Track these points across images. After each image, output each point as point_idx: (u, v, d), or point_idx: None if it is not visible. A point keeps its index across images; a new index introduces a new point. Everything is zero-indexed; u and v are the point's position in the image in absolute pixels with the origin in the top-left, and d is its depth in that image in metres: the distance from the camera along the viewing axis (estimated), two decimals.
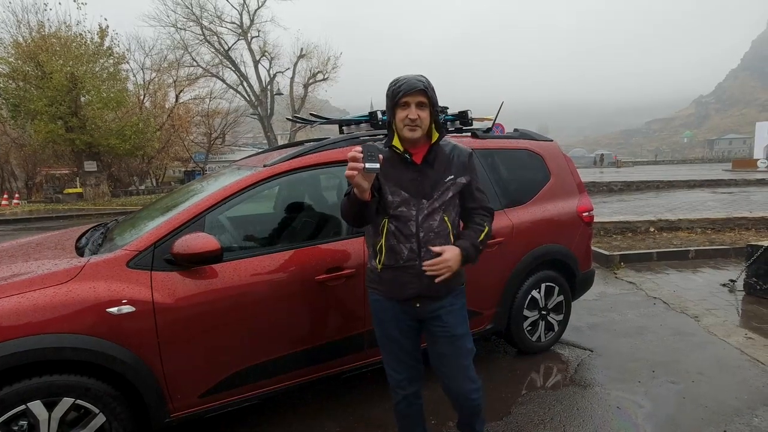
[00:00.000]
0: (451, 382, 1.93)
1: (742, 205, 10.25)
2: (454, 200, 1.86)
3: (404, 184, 1.80)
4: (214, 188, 2.43)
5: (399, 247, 1.80)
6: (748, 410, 2.59)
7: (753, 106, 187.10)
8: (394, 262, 1.82)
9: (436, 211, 1.81)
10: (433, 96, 1.75)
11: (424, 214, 1.80)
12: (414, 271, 1.80)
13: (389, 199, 1.80)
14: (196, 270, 2.14)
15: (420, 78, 1.74)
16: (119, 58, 18.40)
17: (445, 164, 1.83)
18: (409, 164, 1.80)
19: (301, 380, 2.46)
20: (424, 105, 1.73)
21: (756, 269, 4.47)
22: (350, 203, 1.74)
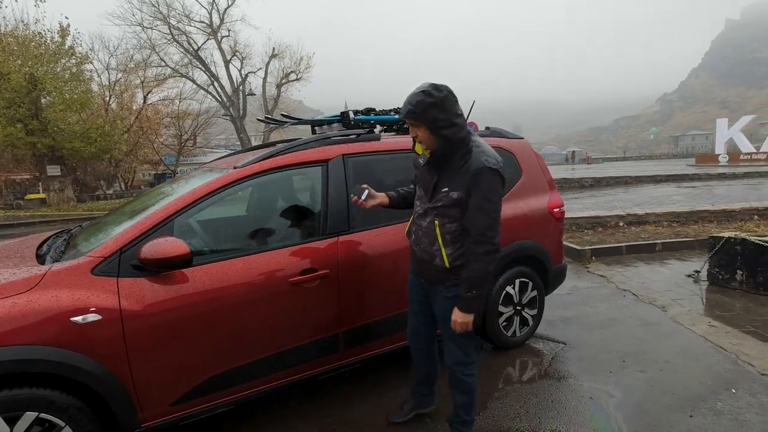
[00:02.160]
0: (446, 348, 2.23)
1: (705, 198, 10.68)
2: (450, 210, 1.99)
3: (421, 182, 2.14)
4: (183, 191, 2.37)
5: (409, 229, 2.25)
6: (712, 395, 2.69)
7: (713, 103, 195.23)
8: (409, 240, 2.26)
9: (429, 212, 2.05)
10: (420, 116, 1.87)
11: (420, 213, 2.12)
12: (415, 254, 2.21)
13: (416, 192, 2.23)
14: (165, 275, 2.08)
15: (410, 101, 1.89)
16: (82, 58, 17.76)
17: (450, 174, 1.97)
18: (423, 165, 2.12)
19: (278, 383, 2.43)
20: (415, 125, 1.94)
21: (718, 260, 4.66)
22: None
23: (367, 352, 2.71)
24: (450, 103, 1.88)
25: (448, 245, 2.03)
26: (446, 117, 1.87)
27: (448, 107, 1.87)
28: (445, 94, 1.87)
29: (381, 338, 2.75)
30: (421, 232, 2.06)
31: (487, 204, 1.90)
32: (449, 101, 1.88)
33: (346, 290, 2.53)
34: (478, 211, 1.90)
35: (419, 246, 2.13)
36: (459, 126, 1.91)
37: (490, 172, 1.89)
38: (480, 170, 1.89)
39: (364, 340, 2.68)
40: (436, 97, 1.85)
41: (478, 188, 1.89)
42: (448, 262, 2.03)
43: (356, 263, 2.57)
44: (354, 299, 2.59)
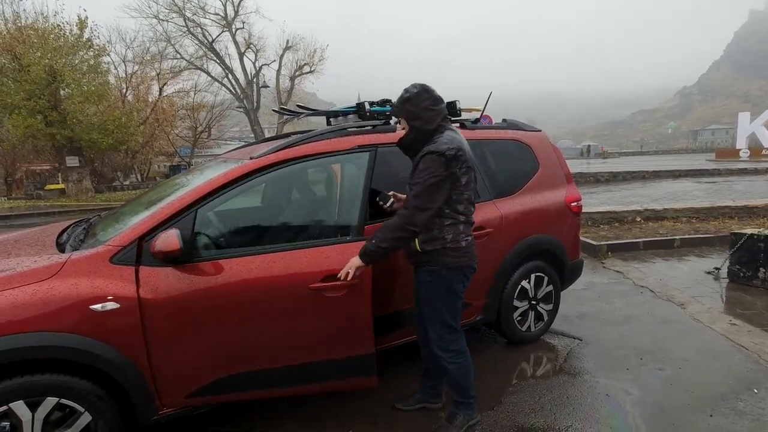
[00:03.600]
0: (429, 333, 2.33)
1: (725, 194, 10.43)
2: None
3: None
4: (200, 181, 2.37)
5: None
6: (733, 395, 2.64)
7: (735, 97, 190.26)
8: None
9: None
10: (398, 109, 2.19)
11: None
12: None
13: None
14: (186, 266, 2.07)
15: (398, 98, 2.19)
16: (99, 50, 17.97)
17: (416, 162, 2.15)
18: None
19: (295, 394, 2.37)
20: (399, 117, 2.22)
21: (740, 257, 4.55)
22: None
23: (388, 343, 2.69)
24: (420, 99, 2.12)
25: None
26: (415, 110, 2.12)
27: (418, 102, 2.12)
28: (417, 91, 2.14)
29: (400, 329, 2.73)
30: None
31: (417, 180, 2.08)
32: (420, 97, 2.13)
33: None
34: (418, 188, 2.07)
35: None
36: (425, 119, 2.12)
37: (431, 154, 2.06)
38: (424, 153, 2.08)
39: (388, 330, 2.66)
40: (411, 92, 2.14)
41: (417, 168, 2.10)
42: (419, 246, 2.18)
43: None
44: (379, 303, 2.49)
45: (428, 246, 2.16)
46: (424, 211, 2.07)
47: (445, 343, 2.28)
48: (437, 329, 2.28)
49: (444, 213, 2.15)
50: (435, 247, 2.16)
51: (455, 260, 2.19)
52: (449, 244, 2.16)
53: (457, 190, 2.14)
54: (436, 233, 2.16)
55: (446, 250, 2.16)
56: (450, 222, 2.16)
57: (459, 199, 2.16)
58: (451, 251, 2.17)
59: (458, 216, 2.18)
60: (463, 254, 2.20)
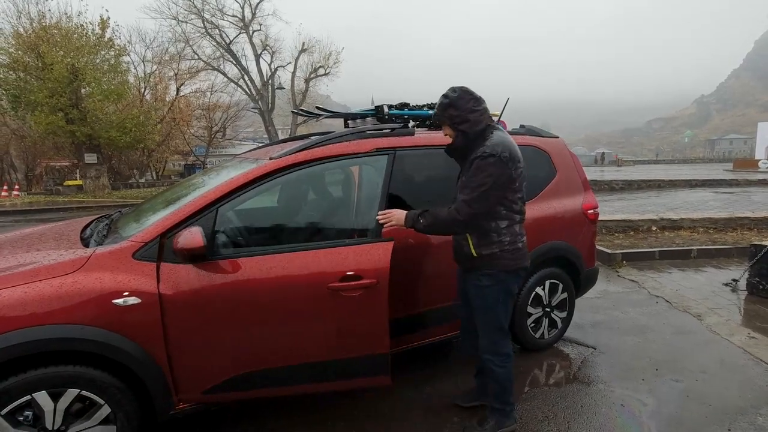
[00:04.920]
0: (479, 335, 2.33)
1: (743, 205, 10.24)
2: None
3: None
4: (220, 181, 2.41)
5: None
6: (752, 409, 2.59)
7: (754, 106, 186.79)
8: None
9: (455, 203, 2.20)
10: (441, 116, 2.16)
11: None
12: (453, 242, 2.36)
13: None
14: (206, 264, 2.10)
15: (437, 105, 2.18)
16: (120, 50, 18.28)
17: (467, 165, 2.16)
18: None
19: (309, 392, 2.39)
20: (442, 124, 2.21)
21: (759, 269, 4.46)
22: None
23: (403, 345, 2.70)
24: (463, 102, 2.10)
25: (474, 234, 2.17)
26: (460, 114, 2.09)
27: (461, 105, 2.10)
28: (458, 94, 2.12)
29: (415, 333, 2.74)
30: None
31: (471, 178, 2.08)
32: (462, 100, 2.11)
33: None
34: (473, 184, 2.07)
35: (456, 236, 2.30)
36: (473, 121, 2.10)
37: (485, 156, 2.05)
38: (477, 156, 2.08)
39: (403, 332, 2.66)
40: (451, 97, 2.11)
41: (470, 170, 2.10)
42: (475, 250, 2.17)
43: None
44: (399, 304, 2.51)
45: (485, 250, 2.16)
46: (476, 213, 2.07)
47: (497, 347, 2.27)
48: (491, 333, 2.26)
49: (501, 214, 2.15)
50: (492, 250, 2.15)
51: (513, 262, 2.19)
52: (507, 246, 2.16)
53: (512, 190, 2.15)
54: (494, 237, 2.15)
55: (504, 253, 2.16)
56: (506, 224, 2.16)
57: (514, 198, 2.18)
58: (509, 253, 2.17)
59: (514, 215, 2.19)
60: (520, 256, 2.22)
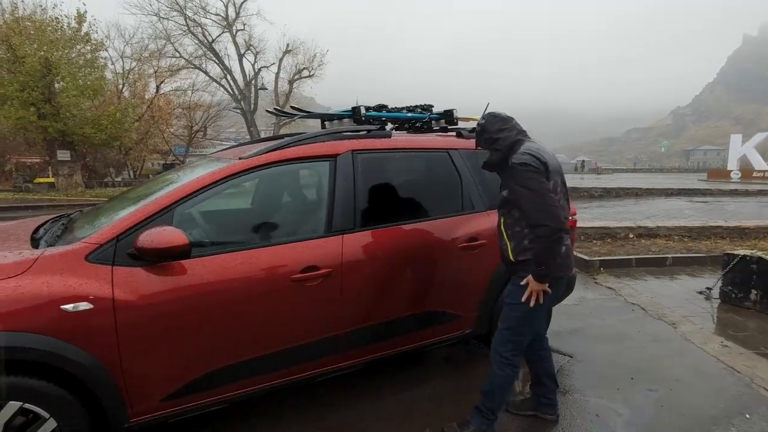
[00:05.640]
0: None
1: (717, 214, 10.49)
2: (505, 208, 2.31)
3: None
4: (185, 180, 2.30)
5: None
6: (725, 419, 2.58)
7: (727, 119, 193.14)
8: None
9: (498, 213, 2.40)
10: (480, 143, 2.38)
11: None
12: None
13: None
14: (163, 266, 2.01)
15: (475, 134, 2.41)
16: (97, 45, 17.81)
17: (504, 177, 2.33)
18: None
19: (274, 383, 2.34)
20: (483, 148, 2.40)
21: (732, 278, 4.52)
22: None
23: (369, 355, 2.62)
24: (491, 125, 2.31)
25: (511, 240, 2.30)
26: (489, 137, 2.31)
27: (490, 128, 2.31)
28: (485, 121, 2.35)
29: (385, 341, 2.66)
30: (498, 229, 2.41)
31: (525, 191, 2.13)
32: (490, 123, 2.32)
33: (348, 291, 2.44)
34: (522, 200, 2.15)
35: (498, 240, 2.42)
36: (502, 138, 2.28)
37: (517, 165, 2.16)
38: (511, 167, 2.20)
39: (366, 342, 2.59)
40: (481, 125, 2.36)
41: (514, 181, 2.18)
42: (512, 255, 2.29)
43: (360, 263, 2.48)
44: (356, 300, 2.49)
45: (521, 256, 2.25)
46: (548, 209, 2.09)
47: (505, 348, 2.32)
48: (505, 332, 2.34)
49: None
50: (527, 257, 2.21)
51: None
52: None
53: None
54: (527, 243, 2.21)
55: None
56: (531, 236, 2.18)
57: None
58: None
59: None
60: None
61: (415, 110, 3.35)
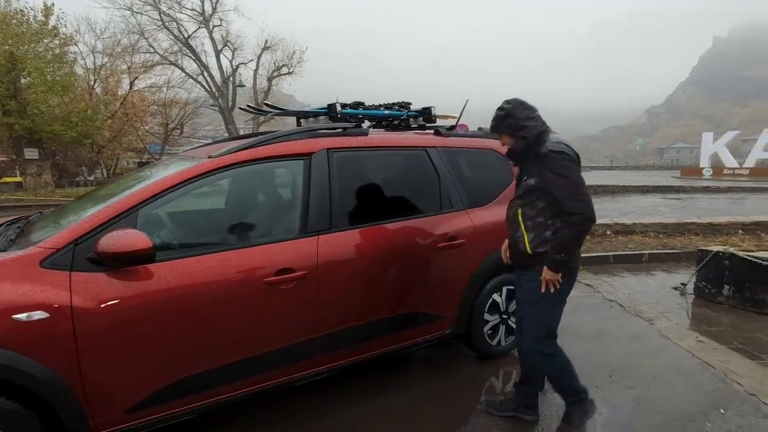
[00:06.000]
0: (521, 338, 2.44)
1: (690, 210, 10.74)
2: (529, 197, 2.25)
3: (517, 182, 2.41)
4: (151, 180, 2.19)
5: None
6: (701, 415, 2.60)
7: (699, 117, 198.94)
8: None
9: (513, 206, 2.35)
10: (499, 127, 2.27)
11: (510, 205, 2.40)
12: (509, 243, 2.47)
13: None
14: (126, 271, 1.90)
15: (492, 119, 2.29)
16: (66, 39, 17.15)
17: (529, 165, 2.26)
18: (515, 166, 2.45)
19: (247, 390, 2.26)
20: (500, 135, 2.32)
21: (705, 273, 4.61)
22: None
23: (346, 359, 2.55)
24: (519, 111, 2.22)
25: (530, 231, 2.25)
26: (516, 122, 2.21)
27: (518, 114, 2.22)
28: (513, 105, 2.24)
29: (361, 344, 2.59)
30: (509, 221, 2.37)
31: (562, 179, 2.12)
32: (518, 109, 2.23)
33: (324, 293, 2.37)
34: (557, 188, 2.13)
35: (510, 233, 2.39)
36: (530, 126, 2.21)
37: (553, 153, 2.14)
38: (545, 154, 2.15)
39: (344, 345, 2.52)
40: (507, 109, 2.24)
41: (549, 168, 2.14)
42: (530, 247, 2.24)
43: (336, 264, 2.41)
44: (332, 303, 2.42)
45: (540, 248, 2.21)
46: (582, 197, 2.11)
47: (543, 347, 2.33)
48: (537, 332, 2.32)
49: (557, 213, 2.17)
50: (546, 249, 2.19)
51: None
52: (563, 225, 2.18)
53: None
54: (549, 235, 2.20)
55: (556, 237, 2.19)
56: (561, 222, 2.18)
57: None
58: None
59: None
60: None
61: (392, 108, 3.29)
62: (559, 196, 2.12)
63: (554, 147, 2.15)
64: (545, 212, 2.21)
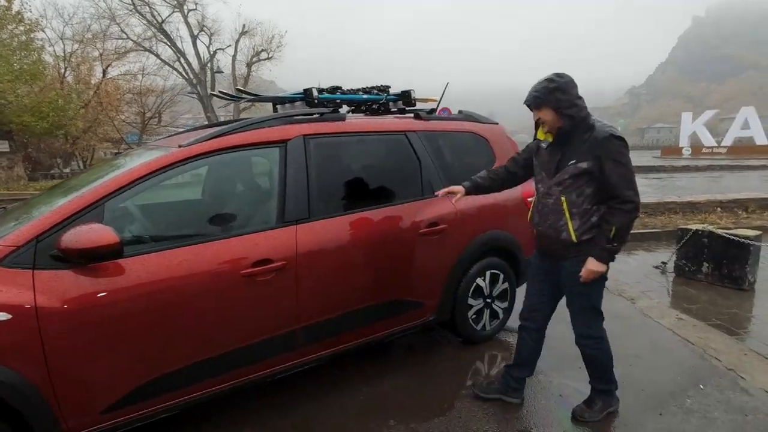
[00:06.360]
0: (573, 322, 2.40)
1: (670, 190, 10.93)
2: (577, 182, 2.13)
3: (542, 165, 2.30)
4: (118, 172, 2.09)
5: (532, 211, 2.41)
6: (682, 392, 2.64)
7: (679, 97, 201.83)
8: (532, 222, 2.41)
9: (554, 190, 2.19)
10: (545, 100, 2.09)
11: (544, 192, 2.27)
12: (540, 233, 2.34)
13: (535, 176, 2.37)
14: (93, 267, 1.81)
15: (536, 89, 2.13)
16: (31, 25, 16.41)
17: (575, 149, 2.13)
18: (544, 150, 2.27)
19: (228, 385, 2.21)
20: (541, 108, 2.13)
21: (685, 252, 4.67)
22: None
23: (327, 349, 2.51)
24: (570, 88, 2.09)
25: (575, 219, 2.16)
26: (568, 98, 2.08)
27: (569, 90, 2.09)
28: (566, 80, 2.10)
29: (342, 334, 2.56)
30: (547, 209, 2.25)
31: (620, 166, 2.07)
32: (570, 86, 2.10)
33: (304, 283, 2.32)
34: (614, 174, 2.06)
35: (546, 223, 2.27)
36: (580, 106, 2.10)
37: (615, 138, 2.07)
38: (607, 138, 2.06)
39: (326, 336, 2.48)
40: (559, 82, 2.09)
41: (609, 154, 2.06)
42: (575, 236, 2.16)
43: (315, 254, 2.35)
44: (313, 293, 2.37)
45: (586, 235, 2.16)
46: (635, 186, 2.11)
47: (593, 330, 2.32)
48: (587, 316, 2.30)
49: (602, 199, 2.13)
50: (593, 235, 2.15)
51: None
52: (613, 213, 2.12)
53: None
54: (595, 220, 2.15)
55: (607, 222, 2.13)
56: (607, 208, 2.13)
57: None
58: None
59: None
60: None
61: (371, 92, 3.20)
62: (615, 183, 2.06)
63: (614, 132, 2.09)
64: (592, 198, 2.14)
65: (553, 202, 2.21)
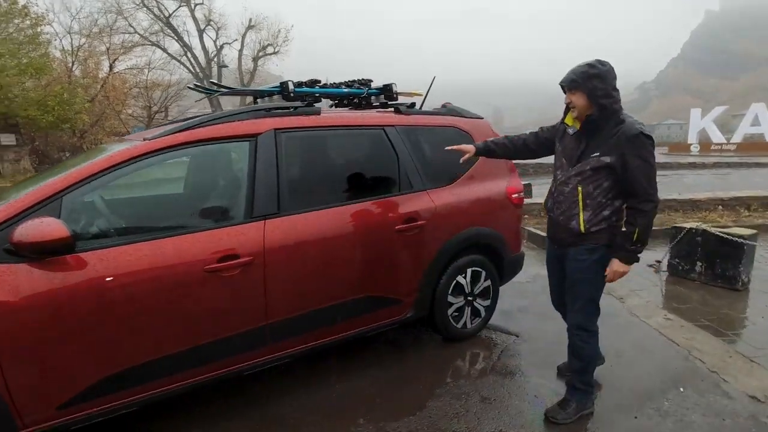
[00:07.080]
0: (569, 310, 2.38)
1: (674, 187, 10.73)
2: (596, 175, 2.12)
3: (564, 151, 2.26)
4: (79, 165, 2.06)
5: (547, 197, 2.40)
6: (661, 393, 2.58)
7: (689, 93, 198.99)
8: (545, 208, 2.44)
9: (573, 179, 2.18)
10: (582, 84, 2.05)
11: (562, 180, 2.25)
12: (551, 219, 2.37)
13: (555, 162, 2.34)
14: (49, 261, 1.80)
15: (574, 71, 2.09)
16: (38, 19, 16.53)
17: (601, 141, 2.10)
18: (569, 136, 2.23)
19: (193, 381, 2.19)
20: (575, 91, 2.08)
21: (679, 250, 4.58)
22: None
23: (298, 346, 2.48)
24: (610, 77, 2.06)
25: (588, 210, 2.17)
26: (605, 87, 2.04)
27: (609, 79, 2.05)
28: (608, 68, 2.07)
29: (314, 331, 2.53)
30: (562, 197, 2.25)
31: (647, 165, 2.05)
32: (610, 75, 2.07)
33: (273, 279, 2.29)
34: (638, 172, 2.04)
35: (559, 210, 2.28)
36: (615, 98, 2.06)
37: (644, 136, 2.04)
38: (636, 135, 2.03)
39: (297, 332, 2.45)
40: (600, 69, 2.05)
41: (635, 151, 2.04)
42: (585, 227, 2.17)
43: (285, 250, 2.32)
44: (282, 289, 2.34)
45: (595, 227, 2.17)
46: (656, 186, 2.09)
47: (588, 323, 2.31)
48: (586, 307, 2.29)
49: (618, 194, 2.14)
50: (601, 227, 2.16)
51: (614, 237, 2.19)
52: (614, 223, 2.17)
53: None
54: (606, 213, 2.16)
55: (611, 228, 2.18)
56: (621, 202, 2.16)
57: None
58: (614, 229, 2.18)
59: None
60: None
61: (353, 85, 3.15)
62: (639, 181, 2.05)
63: (644, 130, 2.06)
64: (608, 192, 2.13)
65: (570, 191, 2.21)
